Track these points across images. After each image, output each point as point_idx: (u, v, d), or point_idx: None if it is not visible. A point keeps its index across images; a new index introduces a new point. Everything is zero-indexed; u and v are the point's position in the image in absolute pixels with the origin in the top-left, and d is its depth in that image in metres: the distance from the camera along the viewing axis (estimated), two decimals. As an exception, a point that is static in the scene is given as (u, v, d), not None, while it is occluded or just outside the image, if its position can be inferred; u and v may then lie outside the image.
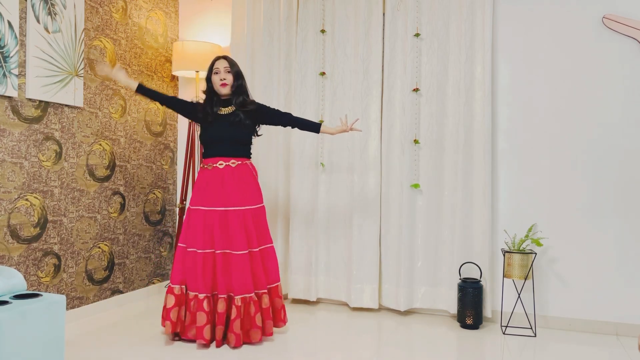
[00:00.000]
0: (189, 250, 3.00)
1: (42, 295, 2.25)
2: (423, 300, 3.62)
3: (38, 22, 3.01)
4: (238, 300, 2.88)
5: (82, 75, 3.32)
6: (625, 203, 3.26)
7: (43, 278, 3.10)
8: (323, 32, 3.82)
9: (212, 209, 2.97)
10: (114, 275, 3.65)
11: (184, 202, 3.93)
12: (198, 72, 3.92)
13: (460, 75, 3.49)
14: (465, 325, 3.35)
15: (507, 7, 3.48)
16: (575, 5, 3.35)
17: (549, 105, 3.41)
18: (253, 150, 3.80)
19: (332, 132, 3.18)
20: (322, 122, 3.81)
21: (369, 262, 3.67)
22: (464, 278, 3.44)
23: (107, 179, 3.57)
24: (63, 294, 3.00)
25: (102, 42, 3.51)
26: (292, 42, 3.89)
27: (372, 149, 3.70)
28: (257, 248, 3.01)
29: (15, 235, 2.92)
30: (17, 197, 2.93)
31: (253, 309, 2.91)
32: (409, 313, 3.69)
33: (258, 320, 2.92)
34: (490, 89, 3.42)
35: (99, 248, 3.51)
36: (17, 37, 2.88)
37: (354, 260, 3.69)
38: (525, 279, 3.20)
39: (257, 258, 3.00)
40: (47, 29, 3.07)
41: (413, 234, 3.62)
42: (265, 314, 2.99)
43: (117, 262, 3.67)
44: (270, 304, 3.05)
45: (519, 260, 3.21)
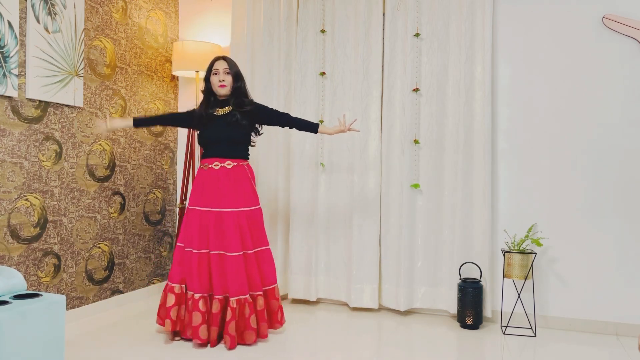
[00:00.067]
0: (187, 250, 3.01)
1: (42, 295, 2.25)
2: (423, 300, 3.62)
3: (38, 22, 3.01)
4: (233, 302, 2.88)
5: (82, 75, 3.32)
6: (625, 203, 3.26)
7: (43, 278, 3.10)
8: (323, 32, 3.82)
9: (207, 210, 2.98)
10: (114, 275, 3.65)
11: (184, 202, 3.93)
12: (198, 72, 3.92)
13: (460, 75, 3.49)
14: (465, 325, 3.35)
15: (507, 7, 3.48)
16: (575, 5, 3.35)
17: (549, 105, 3.41)
18: (253, 150, 3.80)
19: (330, 132, 3.16)
20: (321, 122, 3.81)
21: (369, 262, 3.67)
22: (464, 278, 3.44)
23: (107, 179, 3.57)
24: (63, 294, 3.00)
25: (102, 42, 3.51)
26: (292, 42, 3.89)
27: (372, 149, 3.70)
28: (251, 250, 3.00)
29: (15, 235, 2.92)
30: (17, 197, 2.93)
31: (248, 311, 2.91)
32: (409, 313, 3.69)
33: (252, 322, 2.91)
34: (490, 89, 3.42)
35: (99, 248, 3.51)
36: (17, 37, 2.88)
37: (354, 260, 3.69)
38: (525, 279, 3.20)
39: (251, 260, 2.99)
40: (47, 29, 3.07)
41: (413, 234, 3.62)
42: (260, 316, 2.98)
43: (117, 262, 3.67)
44: (266, 306, 3.05)
45: (519, 260, 3.21)
